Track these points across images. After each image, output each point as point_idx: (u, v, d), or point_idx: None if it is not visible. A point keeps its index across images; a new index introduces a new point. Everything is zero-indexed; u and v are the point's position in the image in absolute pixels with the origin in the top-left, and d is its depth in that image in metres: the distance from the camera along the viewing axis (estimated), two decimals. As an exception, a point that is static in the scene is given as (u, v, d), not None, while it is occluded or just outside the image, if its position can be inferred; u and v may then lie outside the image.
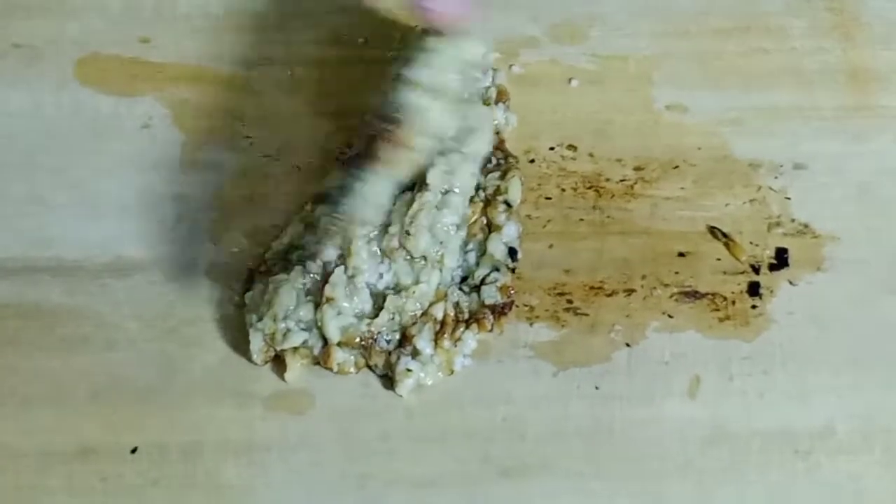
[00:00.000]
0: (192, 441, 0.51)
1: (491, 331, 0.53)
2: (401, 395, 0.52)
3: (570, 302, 0.55)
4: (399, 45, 0.59)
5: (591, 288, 0.55)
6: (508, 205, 0.56)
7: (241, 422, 0.51)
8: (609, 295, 0.55)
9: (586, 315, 0.54)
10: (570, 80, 0.61)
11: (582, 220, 0.57)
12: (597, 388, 0.52)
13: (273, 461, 0.50)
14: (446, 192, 0.55)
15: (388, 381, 0.52)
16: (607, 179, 0.58)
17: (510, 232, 0.56)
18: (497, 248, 0.55)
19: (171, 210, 0.57)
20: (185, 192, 0.57)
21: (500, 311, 0.54)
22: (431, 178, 0.54)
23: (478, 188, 0.56)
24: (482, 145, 0.57)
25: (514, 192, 0.56)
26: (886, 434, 0.51)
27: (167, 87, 0.61)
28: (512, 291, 0.54)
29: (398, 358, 0.52)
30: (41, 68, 0.61)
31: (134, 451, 0.51)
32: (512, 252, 0.55)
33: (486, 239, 0.55)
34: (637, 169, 0.58)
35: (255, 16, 0.64)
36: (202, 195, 0.57)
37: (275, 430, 0.51)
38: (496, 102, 0.59)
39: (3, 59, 0.61)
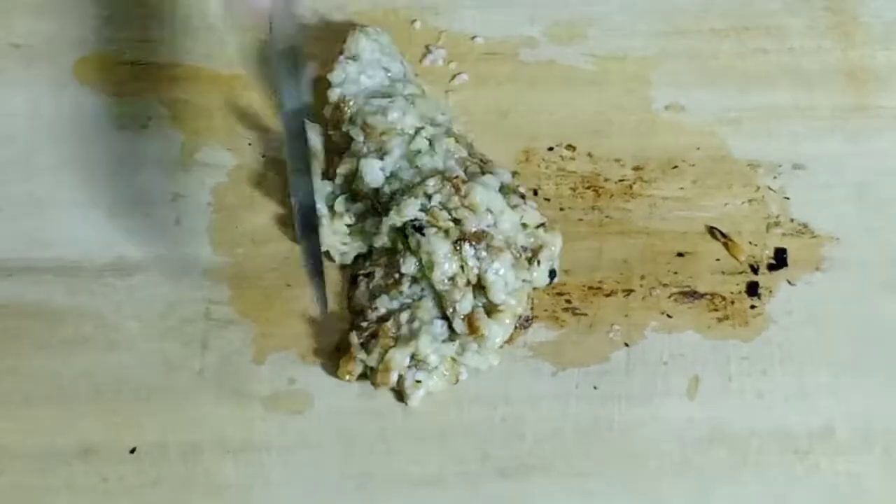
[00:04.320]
0: (192, 441, 0.51)
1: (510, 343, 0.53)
2: (410, 406, 0.52)
3: (568, 302, 0.55)
4: None
5: (590, 288, 0.55)
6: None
7: (240, 422, 0.51)
8: (608, 295, 0.55)
9: (585, 315, 0.54)
10: (568, 80, 0.61)
11: (581, 220, 0.57)
12: (595, 388, 0.52)
13: (272, 461, 0.51)
14: None
15: (398, 394, 0.52)
16: (606, 179, 0.58)
17: (555, 242, 0.54)
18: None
19: (170, 210, 0.57)
20: (185, 192, 0.57)
21: (521, 324, 0.53)
22: None
23: None
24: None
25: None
26: (886, 434, 0.52)
27: (166, 87, 0.61)
28: (534, 302, 0.54)
29: (406, 372, 0.52)
30: (40, 68, 0.61)
31: (133, 451, 0.51)
32: (552, 273, 0.54)
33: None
34: (636, 169, 0.58)
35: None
36: (202, 195, 0.57)
37: (274, 430, 0.51)
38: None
39: (2, 59, 0.61)
